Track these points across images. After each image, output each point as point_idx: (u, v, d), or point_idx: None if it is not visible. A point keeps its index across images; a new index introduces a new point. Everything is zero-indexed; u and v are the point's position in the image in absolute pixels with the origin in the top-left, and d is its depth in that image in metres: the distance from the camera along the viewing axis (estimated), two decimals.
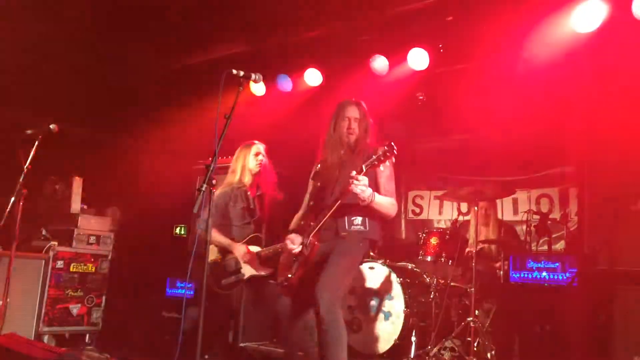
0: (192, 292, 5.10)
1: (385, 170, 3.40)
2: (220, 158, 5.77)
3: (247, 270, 4.30)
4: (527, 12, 4.76)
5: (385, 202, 3.37)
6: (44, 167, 4.33)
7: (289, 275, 3.37)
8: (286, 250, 3.46)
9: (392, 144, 3.17)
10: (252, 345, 4.89)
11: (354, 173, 3.13)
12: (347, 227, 3.35)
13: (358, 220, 3.37)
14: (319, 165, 3.67)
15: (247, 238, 4.38)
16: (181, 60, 6.57)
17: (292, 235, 3.42)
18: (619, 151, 4.35)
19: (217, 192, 4.35)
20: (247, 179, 4.53)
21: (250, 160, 4.56)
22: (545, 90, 5.24)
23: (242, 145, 4.62)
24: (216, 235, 4.32)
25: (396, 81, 5.95)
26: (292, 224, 3.64)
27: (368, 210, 3.35)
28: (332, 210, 3.25)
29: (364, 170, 3.15)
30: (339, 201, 3.23)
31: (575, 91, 5.07)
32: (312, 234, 3.32)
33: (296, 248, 3.36)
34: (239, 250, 4.33)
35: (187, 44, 6.28)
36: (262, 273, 4.33)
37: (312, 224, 3.36)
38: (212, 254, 4.36)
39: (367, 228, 3.39)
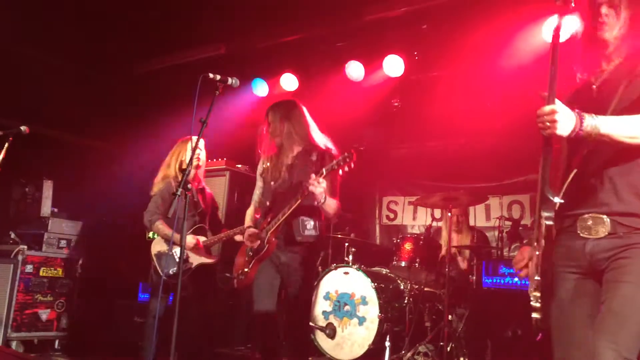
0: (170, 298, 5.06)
1: (336, 174, 3.48)
2: (206, 161, 5.76)
3: (195, 259, 4.35)
4: (500, 22, 4.84)
5: (333, 204, 3.43)
6: (14, 170, 4.24)
7: (245, 270, 3.48)
8: (244, 246, 3.57)
9: (352, 151, 3.24)
10: (227, 351, 4.85)
11: (313, 176, 3.20)
12: (301, 230, 3.42)
13: (311, 224, 3.46)
14: (268, 163, 3.68)
15: (192, 229, 4.40)
16: (156, 63, 6.52)
17: (251, 230, 3.48)
18: None
19: (160, 186, 4.50)
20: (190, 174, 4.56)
21: (187, 155, 4.57)
22: (517, 98, 5.34)
23: (180, 140, 4.64)
24: (163, 228, 4.39)
25: (371, 87, 6.00)
26: (247, 220, 3.69)
27: (318, 212, 3.46)
28: (291, 209, 3.33)
29: (324, 173, 3.22)
30: (298, 201, 3.31)
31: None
32: (270, 232, 3.38)
33: (254, 244, 3.44)
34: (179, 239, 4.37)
35: (163, 47, 6.24)
36: (209, 261, 4.38)
37: (270, 221, 3.43)
38: (159, 245, 4.43)
39: (318, 232, 3.50)
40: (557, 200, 1.91)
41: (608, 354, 1.79)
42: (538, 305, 1.93)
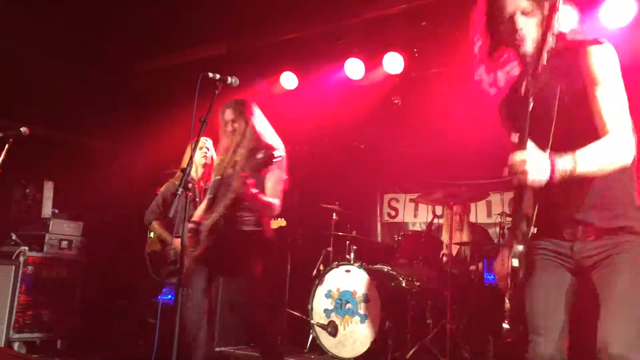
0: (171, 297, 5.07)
1: (272, 175, 3.56)
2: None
3: (186, 260, 4.33)
4: None
5: (267, 205, 3.48)
6: (14, 171, 4.24)
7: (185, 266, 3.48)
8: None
9: (275, 152, 3.30)
10: (228, 350, 4.85)
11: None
12: (239, 226, 3.47)
13: (251, 219, 3.51)
14: (221, 157, 3.75)
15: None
16: (157, 63, 6.51)
17: (190, 225, 3.51)
18: None
19: (167, 185, 4.60)
20: (198, 173, 4.57)
21: (196, 154, 4.58)
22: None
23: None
24: (157, 228, 4.49)
25: (371, 85, 5.99)
26: (195, 215, 3.72)
27: (258, 207, 3.51)
28: (226, 206, 3.39)
29: (248, 173, 3.29)
30: (231, 198, 3.37)
31: None
32: (207, 227, 3.44)
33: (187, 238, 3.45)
34: (176, 242, 4.38)
35: (163, 47, 6.24)
36: None
37: (210, 216, 3.48)
38: (154, 244, 4.49)
39: (260, 227, 3.54)
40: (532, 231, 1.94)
41: (620, 346, 1.80)
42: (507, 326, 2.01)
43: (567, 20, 2.03)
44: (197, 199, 4.50)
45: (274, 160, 3.28)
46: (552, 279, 2.06)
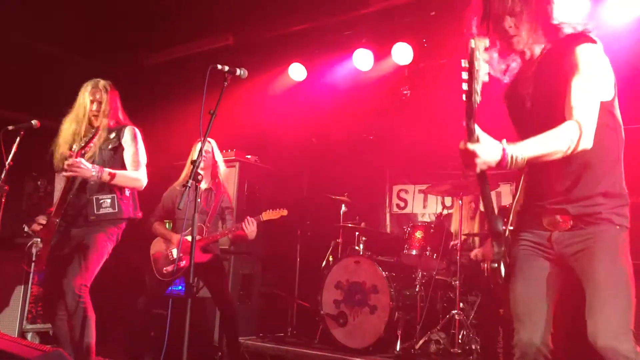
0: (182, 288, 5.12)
1: (128, 148, 3.58)
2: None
3: (187, 259, 4.37)
4: None
5: (120, 176, 3.48)
6: (25, 164, 4.28)
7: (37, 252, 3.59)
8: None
9: (121, 130, 3.45)
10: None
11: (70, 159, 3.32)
12: (95, 210, 3.46)
13: (107, 202, 3.49)
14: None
15: (189, 229, 4.45)
16: (164, 55, 6.52)
17: (39, 217, 3.58)
18: None
19: (168, 189, 4.70)
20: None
21: (195, 156, 4.61)
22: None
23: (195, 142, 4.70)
24: (158, 228, 4.58)
25: (380, 76, 5.97)
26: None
27: (120, 188, 3.52)
28: (73, 190, 3.42)
29: (75, 151, 3.37)
30: (69, 183, 3.41)
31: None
32: (53, 215, 3.46)
33: (36, 228, 3.55)
34: (175, 239, 4.46)
35: (171, 39, 6.25)
36: (202, 260, 4.37)
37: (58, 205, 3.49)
38: (157, 245, 4.56)
39: (117, 209, 3.51)
40: (508, 229, 2.08)
41: (606, 337, 1.87)
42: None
43: (568, 10, 2.08)
44: (198, 200, 4.52)
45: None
46: (533, 269, 2.12)
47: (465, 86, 1.84)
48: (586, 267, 1.98)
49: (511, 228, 2.09)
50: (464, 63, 1.81)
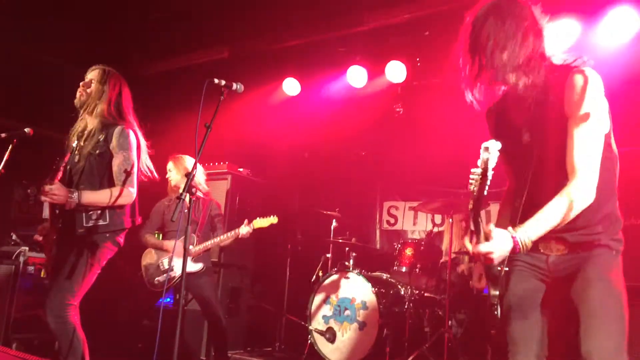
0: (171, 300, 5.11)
1: (116, 155, 3.32)
2: (209, 164, 5.78)
3: (178, 268, 4.36)
4: None
5: (98, 197, 3.25)
6: (16, 171, 4.26)
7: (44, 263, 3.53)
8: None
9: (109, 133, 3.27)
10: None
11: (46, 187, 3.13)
12: (84, 222, 3.26)
13: (95, 214, 3.28)
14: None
15: (180, 238, 4.46)
16: (160, 67, 6.54)
17: (41, 227, 3.47)
18: None
19: (157, 204, 4.77)
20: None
21: (171, 174, 4.73)
22: None
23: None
24: (149, 238, 4.63)
25: (374, 93, 6.02)
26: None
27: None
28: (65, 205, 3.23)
29: (57, 176, 3.29)
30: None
31: None
32: (50, 225, 3.39)
33: (40, 238, 3.44)
34: (168, 246, 4.50)
35: (167, 51, 6.27)
36: (193, 269, 4.39)
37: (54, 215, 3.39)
38: (148, 257, 4.60)
39: (108, 220, 3.31)
40: (504, 269, 2.05)
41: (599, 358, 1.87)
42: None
43: (558, 39, 2.08)
44: (185, 211, 4.52)
45: None
46: (528, 291, 2.13)
47: (474, 191, 1.87)
48: (580, 292, 1.98)
49: (507, 269, 2.07)
50: (476, 171, 1.85)
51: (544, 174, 2.04)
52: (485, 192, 1.86)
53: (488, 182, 1.85)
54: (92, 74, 3.54)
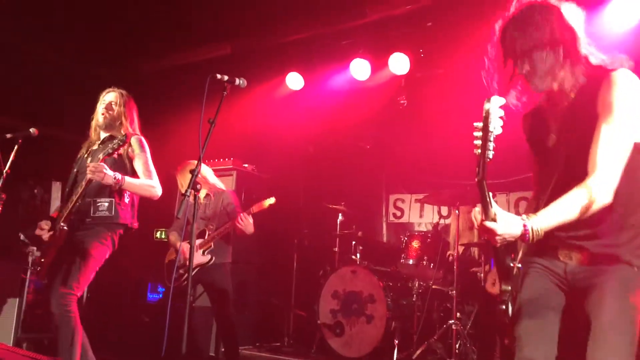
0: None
1: (138, 157, 3.56)
2: (214, 161, 5.78)
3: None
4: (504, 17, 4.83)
5: (137, 184, 3.47)
6: (23, 171, 4.27)
7: (42, 260, 3.48)
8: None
9: (125, 135, 3.37)
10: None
11: (89, 162, 3.32)
12: (92, 212, 3.43)
13: (104, 205, 3.46)
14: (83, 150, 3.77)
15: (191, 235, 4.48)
16: (163, 63, 6.53)
17: (42, 222, 3.49)
18: None
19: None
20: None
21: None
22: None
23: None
24: (171, 237, 4.63)
25: (377, 85, 6.00)
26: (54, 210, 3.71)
27: (120, 193, 3.48)
28: (79, 195, 3.33)
29: (101, 158, 3.30)
30: (84, 188, 3.32)
31: None
32: (61, 220, 3.38)
33: (44, 234, 3.44)
34: (177, 247, 4.51)
35: (169, 47, 6.26)
36: (201, 262, 4.39)
37: (65, 209, 3.44)
38: (171, 254, 4.63)
39: (113, 213, 3.47)
40: (517, 266, 1.99)
41: None
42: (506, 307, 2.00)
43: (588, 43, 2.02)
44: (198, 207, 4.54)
45: (120, 144, 3.31)
46: (542, 290, 2.07)
47: (477, 150, 1.81)
48: (595, 305, 1.93)
49: (519, 266, 2.01)
50: (478, 125, 1.79)
51: (569, 179, 1.95)
52: (491, 154, 1.79)
53: (491, 139, 1.79)
54: (111, 97, 3.75)
